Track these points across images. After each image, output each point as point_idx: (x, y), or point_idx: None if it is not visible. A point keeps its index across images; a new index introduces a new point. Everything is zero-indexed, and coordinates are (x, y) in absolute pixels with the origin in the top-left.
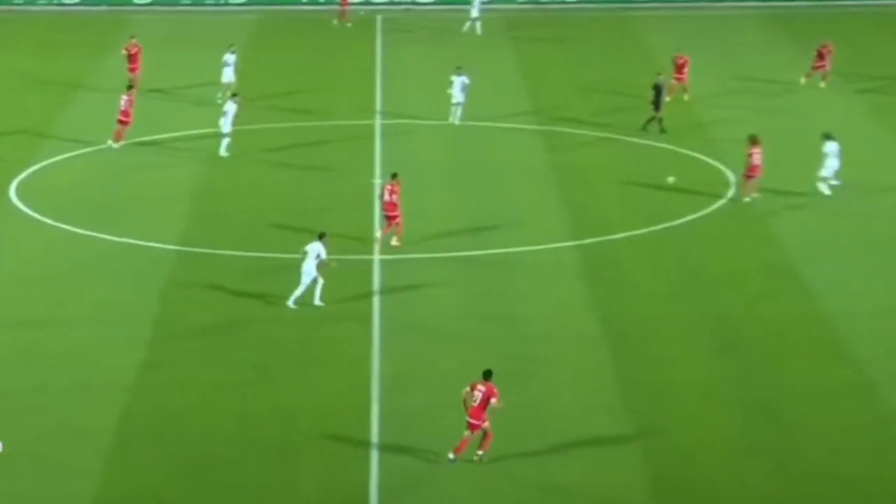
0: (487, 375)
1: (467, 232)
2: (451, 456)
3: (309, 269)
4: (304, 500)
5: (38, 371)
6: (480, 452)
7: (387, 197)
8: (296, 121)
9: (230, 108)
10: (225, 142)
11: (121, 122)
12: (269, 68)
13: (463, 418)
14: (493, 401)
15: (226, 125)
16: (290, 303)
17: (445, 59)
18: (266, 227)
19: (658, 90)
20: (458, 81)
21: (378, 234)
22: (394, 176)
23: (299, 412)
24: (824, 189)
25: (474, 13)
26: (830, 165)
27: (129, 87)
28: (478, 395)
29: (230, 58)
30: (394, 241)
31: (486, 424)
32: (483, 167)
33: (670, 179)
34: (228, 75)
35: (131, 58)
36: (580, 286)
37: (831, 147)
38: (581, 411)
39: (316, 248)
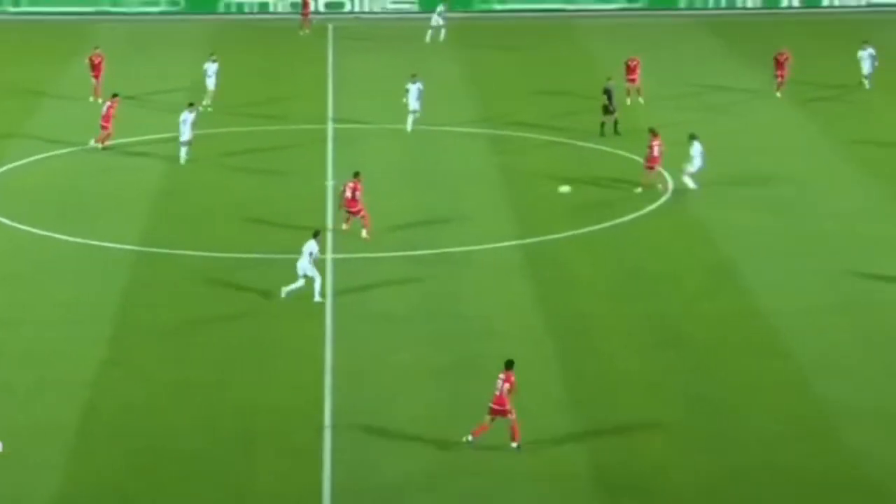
0: (509, 365)
1: (418, 232)
2: (469, 438)
3: (304, 267)
4: (261, 491)
5: (2, 369)
6: (515, 444)
7: (348, 194)
8: (252, 125)
9: (188, 116)
10: (184, 149)
11: (103, 127)
12: (225, 75)
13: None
14: (505, 386)
15: (185, 133)
16: (284, 293)
17: (396, 67)
18: (224, 228)
19: (609, 94)
20: (414, 89)
21: (344, 226)
22: (356, 175)
23: (256, 407)
24: (690, 183)
25: (437, 21)
26: (695, 164)
27: (114, 95)
28: (499, 383)
29: (211, 66)
30: (364, 235)
31: (512, 416)
32: (433, 170)
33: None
34: (211, 83)
35: (95, 67)
36: (526, 284)
37: (696, 148)
38: (527, 405)
39: (309, 246)
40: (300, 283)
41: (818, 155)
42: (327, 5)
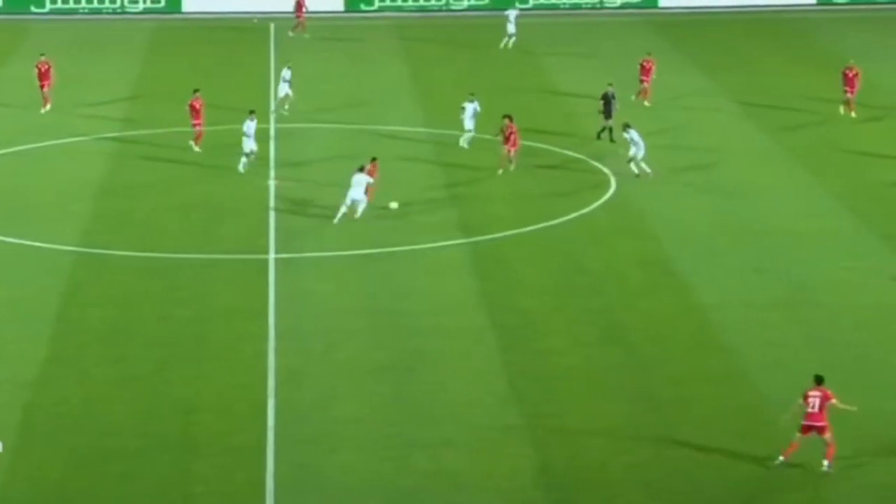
0: (819, 381)
1: (360, 231)
2: (780, 458)
3: (355, 194)
4: (203, 491)
5: None
6: (826, 463)
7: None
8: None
9: (250, 125)
10: (244, 160)
11: (195, 125)
12: (168, 74)
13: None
14: (833, 401)
15: (248, 143)
16: (336, 220)
17: (338, 65)
18: (166, 228)
19: (607, 100)
20: (470, 108)
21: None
22: (373, 160)
23: (197, 406)
24: (645, 168)
25: (511, 29)
26: (640, 149)
27: (195, 91)
28: (814, 401)
29: (286, 73)
30: (392, 204)
31: (829, 435)
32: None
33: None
34: (284, 89)
35: (42, 75)
36: (469, 282)
37: (633, 134)
38: (471, 401)
39: (360, 178)
40: (344, 209)
41: (760, 153)
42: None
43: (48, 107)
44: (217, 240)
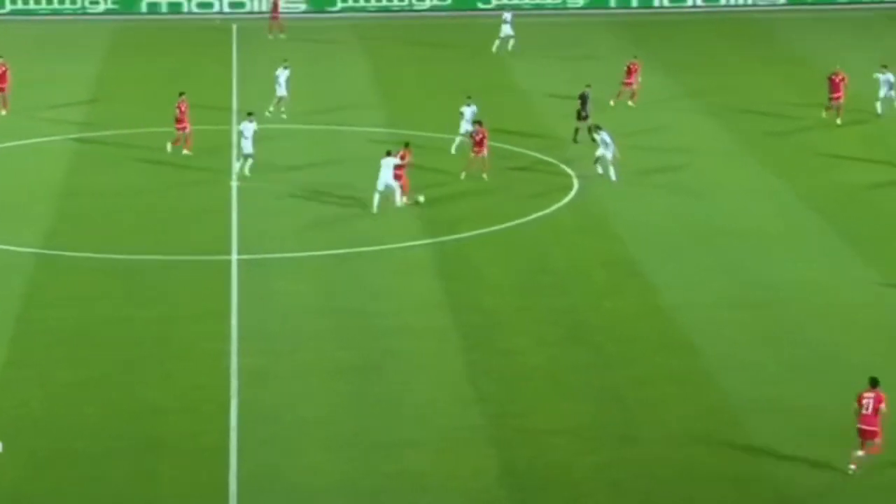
0: (874, 383)
1: (324, 232)
2: (851, 467)
3: (386, 179)
4: (166, 493)
5: None
6: (860, 458)
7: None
8: (156, 126)
9: (248, 127)
10: (249, 163)
11: (179, 129)
12: (130, 75)
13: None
14: (881, 406)
15: (246, 146)
16: (375, 209)
17: (301, 66)
18: (128, 230)
19: (583, 100)
20: (468, 112)
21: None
22: (406, 145)
23: (160, 407)
24: (599, 169)
25: (507, 30)
26: (610, 150)
27: (181, 94)
28: (868, 402)
29: (283, 73)
30: (420, 198)
31: (878, 440)
32: (341, 170)
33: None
34: (281, 90)
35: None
36: (433, 282)
37: (604, 135)
38: (435, 401)
39: (389, 161)
40: (377, 197)
41: (726, 154)
42: (231, 5)
43: (4, 112)
44: (180, 241)
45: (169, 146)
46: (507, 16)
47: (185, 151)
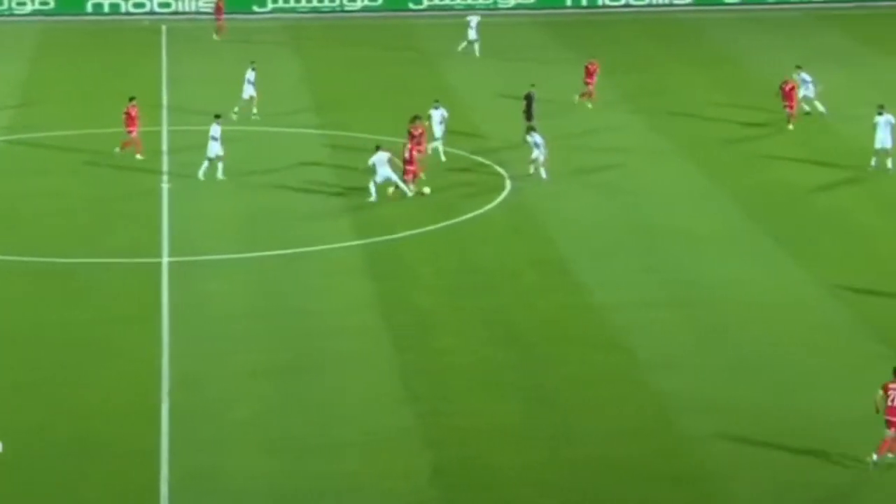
0: None
1: (257, 233)
2: (873, 458)
3: (385, 174)
4: (96, 496)
5: None
6: (875, 457)
7: (406, 155)
8: (86, 128)
9: (216, 129)
10: (207, 165)
11: (128, 132)
12: (58, 77)
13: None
14: None
15: (212, 148)
16: (373, 199)
17: (231, 67)
18: (55, 232)
19: (529, 101)
20: (437, 115)
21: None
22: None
23: (91, 410)
24: (531, 169)
25: (473, 35)
26: (537, 153)
27: (131, 99)
28: (894, 394)
29: (251, 75)
30: (426, 190)
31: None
32: (272, 171)
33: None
34: (249, 91)
35: None
36: (365, 282)
37: (535, 137)
38: (367, 402)
39: (379, 157)
40: (373, 187)
41: (656, 154)
42: (160, 5)
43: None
44: (109, 244)
45: (117, 150)
46: (473, 20)
47: (137, 156)
